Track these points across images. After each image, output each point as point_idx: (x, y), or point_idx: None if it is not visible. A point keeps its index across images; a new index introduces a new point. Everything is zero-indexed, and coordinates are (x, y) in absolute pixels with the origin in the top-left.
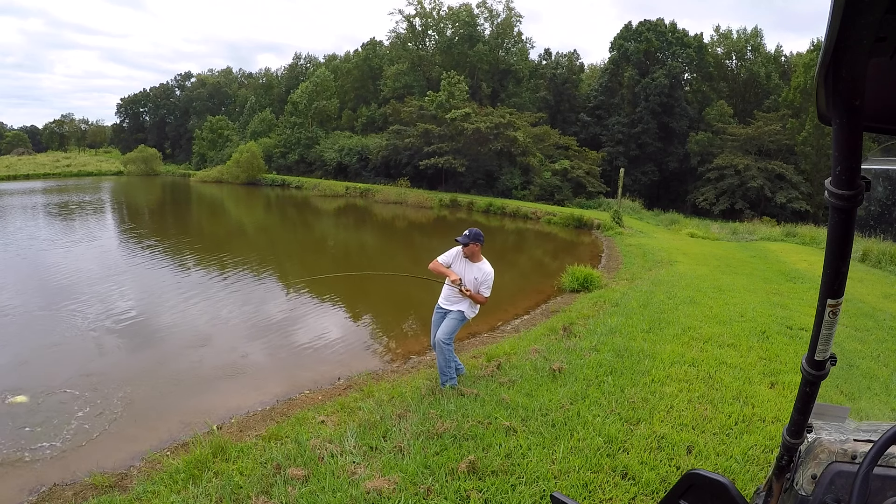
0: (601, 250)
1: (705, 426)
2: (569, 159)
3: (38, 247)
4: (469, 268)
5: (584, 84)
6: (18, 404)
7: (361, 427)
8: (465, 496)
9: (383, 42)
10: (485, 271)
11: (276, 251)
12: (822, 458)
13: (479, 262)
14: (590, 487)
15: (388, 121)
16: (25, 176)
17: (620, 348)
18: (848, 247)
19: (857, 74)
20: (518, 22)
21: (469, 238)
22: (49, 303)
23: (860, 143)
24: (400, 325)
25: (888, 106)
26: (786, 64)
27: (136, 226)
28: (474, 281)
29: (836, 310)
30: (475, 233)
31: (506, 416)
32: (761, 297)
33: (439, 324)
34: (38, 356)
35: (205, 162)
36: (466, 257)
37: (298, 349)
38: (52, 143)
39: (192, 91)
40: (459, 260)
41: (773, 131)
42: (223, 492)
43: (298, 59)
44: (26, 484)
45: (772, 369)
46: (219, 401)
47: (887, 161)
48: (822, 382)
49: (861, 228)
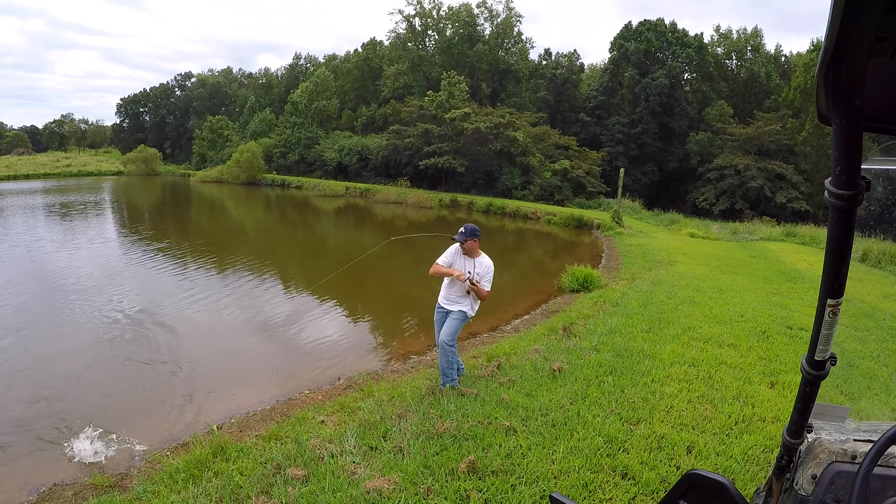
0: (601, 250)
1: (705, 426)
2: (569, 159)
3: (46, 248)
4: (470, 263)
5: (584, 84)
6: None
7: (361, 427)
8: (465, 496)
9: (383, 42)
10: (486, 265)
11: (277, 251)
12: (822, 458)
13: (479, 256)
14: (590, 487)
15: (388, 121)
16: (25, 176)
17: (620, 348)
18: (848, 247)
19: (857, 74)
20: (518, 22)
21: (466, 235)
22: (55, 300)
23: (860, 143)
24: (400, 325)
25: (888, 106)
26: (786, 64)
27: (138, 227)
28: (477, 276)
29: (836, 310)
30: (471, 229)
31: (506, 416)
32: (761, 297)
33: (442, 323)
34: (36, 354)
35: (205, 162)
36: (466, 254)
37: (299, 349)
38: (52, 143)
39: (192, 91)
40: (459, 257)
41: (773, 131)
42: (223, 492)
43: (298, 59)
44: (26, 484)
45: (772, 369)
46: (219, 401)
47: (887, 161)
48: (822, 382)
49: (861, 228)
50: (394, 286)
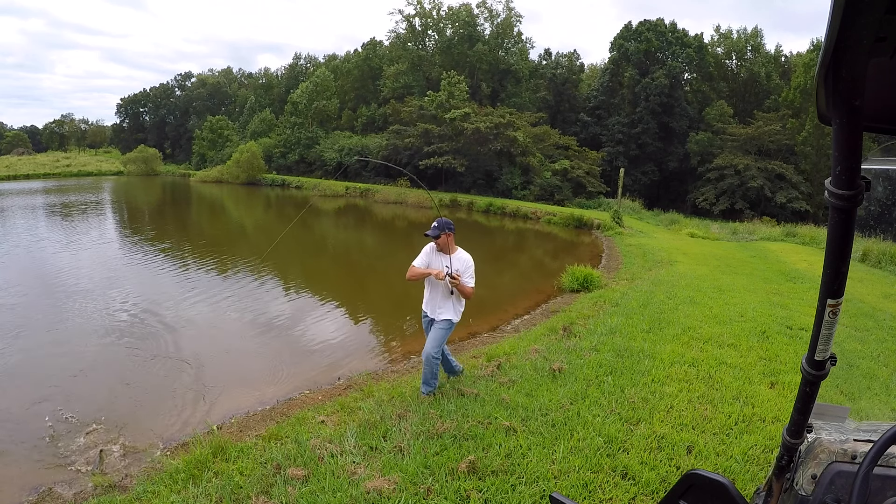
0: (601, 250)
1: (705, 426)
2: (569, 159)
3: (47, 248)
4: (446, 260)
5: (584, 84)
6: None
7: (361, 427)
8: (465, 496)
9: (383, 42)
10: (463, 259)
11: (277, 250)
12: (822, 458)
13: (456, 252)
14: (590, 487)
15: (388, 121)
16: (25, 176)
17: (620, 348)
18: (848, 247)
19: (857, 74)
20: (518, 22)
21: (439, 229)
22: (56, 300)
23: (860, 143)
24: (400, 325)
25: (888, 106)
26: (786, 64)
27: (139, 227)
28: (457, 272)
29: (836, 310)
30: (444, 222)
31: (506, 416)
32: (761, 297)
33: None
34: (36, 354)
35: (205, 162)
36: (441, 251)
37: (298, 349)
38: (52, 143)
39: (192, 91)
40: (435, 256)
41: (773, 131)
42: (223, 492)
43: (298, 59)
44: (26, 484)
45: (772, 369)
46: (219, 401)
47: (887, 161)
48: (822, 382)
49: (861, 228)
50: (394, 286)
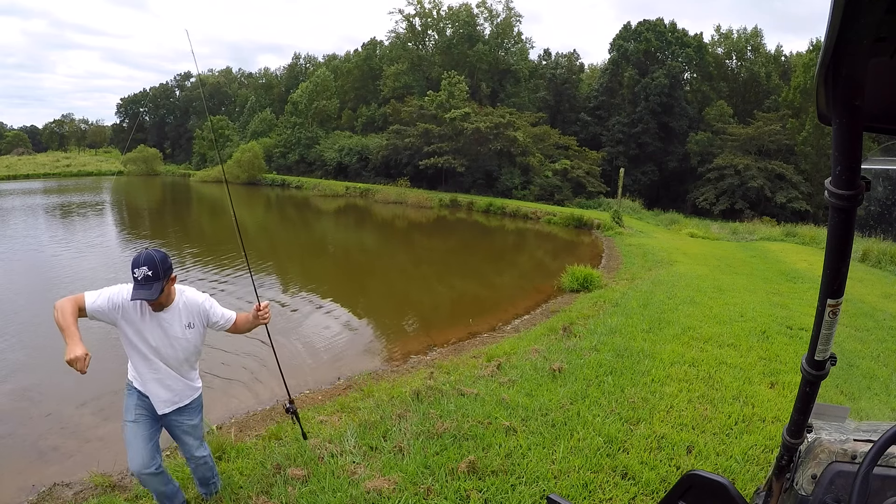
0: (601, 250)
1: (705, 426)
2: (569, 159)
3: (48, 248)
4: (169, 316)
5: (584, 84)
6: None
7: (361, 427)
8: (465, 496)
9: (383, 42)
10: (197, 302)
11: (277, 250)
12: (822, 458)
13: (176, 299)
14: (590, 487)
15: (388, 121)
16: (25, 176)
17: (620, 348)
18: (848, 247)
19: (857, 74)
20: (518, 22)
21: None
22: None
23: (860, 143)
24: (400, 325)
25: (888, 106)
26: (786, 64)
27: (139, 227)
28: (190, 330)
29: (836, 310)
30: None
31: (506, 416)
32: (761, 297)
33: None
34: (36, 354)
35: (205, 162)
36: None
37: (298, 349)
38: (52, 143)
39: (192, 91)
40: (148, 317)
41: (773, 131)
42: (223, 492)
43: (298, 59)
44: (26, 484)
45: (772, 369)
46: (219, 401)
47: (887, 161)
48: (822, 382)
49: (861, 228)
50: (394, 286)
